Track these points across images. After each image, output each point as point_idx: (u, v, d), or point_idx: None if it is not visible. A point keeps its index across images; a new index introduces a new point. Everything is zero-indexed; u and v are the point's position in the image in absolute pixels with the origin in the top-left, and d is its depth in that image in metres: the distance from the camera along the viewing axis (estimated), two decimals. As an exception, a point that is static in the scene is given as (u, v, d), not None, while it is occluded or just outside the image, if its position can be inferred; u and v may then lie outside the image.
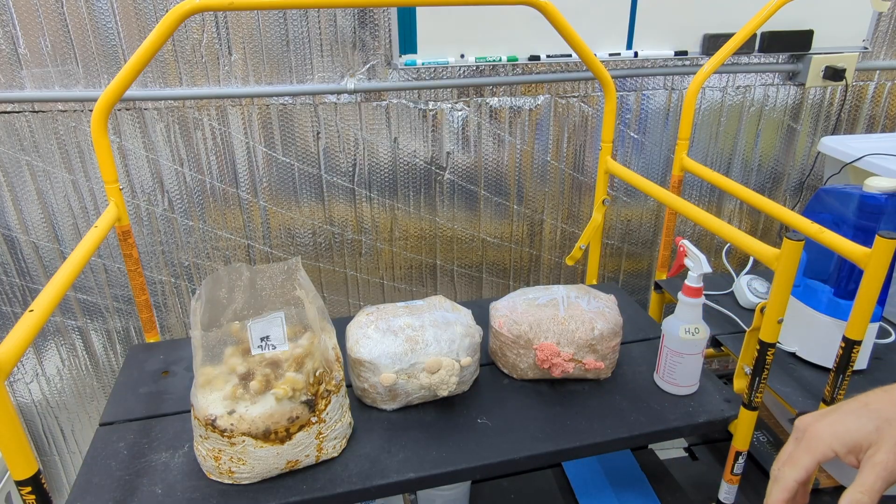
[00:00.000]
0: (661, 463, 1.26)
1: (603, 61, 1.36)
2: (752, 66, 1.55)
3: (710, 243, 1.76)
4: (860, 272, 0.77)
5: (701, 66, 1.33)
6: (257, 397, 0.75)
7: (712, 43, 1.46)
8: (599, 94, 1.50)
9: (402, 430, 0.87)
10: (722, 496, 0.95)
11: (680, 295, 0.90)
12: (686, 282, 0.89)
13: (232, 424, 0.73)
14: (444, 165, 1.49)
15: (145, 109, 1.32)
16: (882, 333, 1.11)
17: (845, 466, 0.55)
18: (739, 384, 0.93)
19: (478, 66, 1.40)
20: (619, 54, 1.44)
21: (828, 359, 1.03)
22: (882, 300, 0.98)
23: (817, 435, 0.53)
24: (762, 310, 0.80)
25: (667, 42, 1.46)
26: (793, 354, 1.08)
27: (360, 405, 0.92)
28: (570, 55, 1.41)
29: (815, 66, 1.54)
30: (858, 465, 0.50)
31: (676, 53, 1.47)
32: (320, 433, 0.78)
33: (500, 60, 1.38)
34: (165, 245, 1.45)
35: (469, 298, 1.67)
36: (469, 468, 0.82)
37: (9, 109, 1.27)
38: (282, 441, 0.75)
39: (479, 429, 0.88)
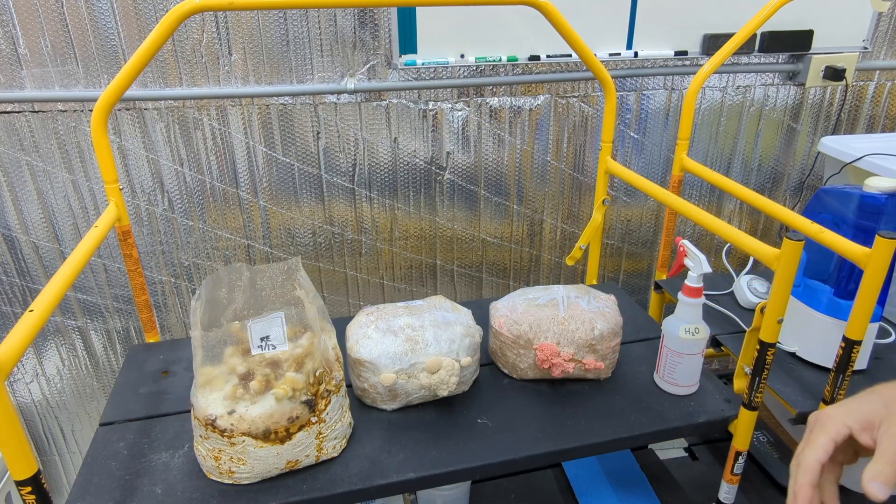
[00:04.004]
0: (661, 463, 1.26)
1: (603, 61, 1.36)
2: (752, 66, 1.55)
3: (710, 243, 1.76)
4: (860, 272, 0.77)
5: (701, 66, 1.33)
6: (257, 397, 0.75)
7: (712, 43, 1.46)
8: (599, 94, 1.50)
9: (402, 430, 0.87)
10: (722, 496, 0.95)
11: (680, 295, 0.90)
12: (686, 282, 0.89)
13: (232, 424, 0.73)
14: (444, 165, 1.49)
15: (145, 109, 1.32)
16: (882, 333, 1.11)
17: (849, 468, 0.55)
18: (739, 384, 0.93)
19: (478, 66, 1.40)
20: (619, 54, 1.44)
21: (828, 359, 1.03)
22: (882, 300, 0.98)
23: (829, 416, 0.54)
24: (762, 310, 0.80)
25: (667, 42, 1.46)
26: (793, 354, 1.08)
27: (360, 405, 0.92)
28: (570, 55, 1.41)
29: (815, 66, 1.54)
30: (873, 445, 0.51)
31: (676, 53, 1.47)
32: (320, 433, 0.78)
33: (500, 60, 1.38)
34: (165, 245, 1.45)
35: (469, 298, 1.67)
36: (469, 468, 0.82)
37: (9, 109, 1.27)
38: (282, 441, 0.75)
39: (479, 429, 0.88)
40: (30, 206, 1.36)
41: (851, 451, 0.55)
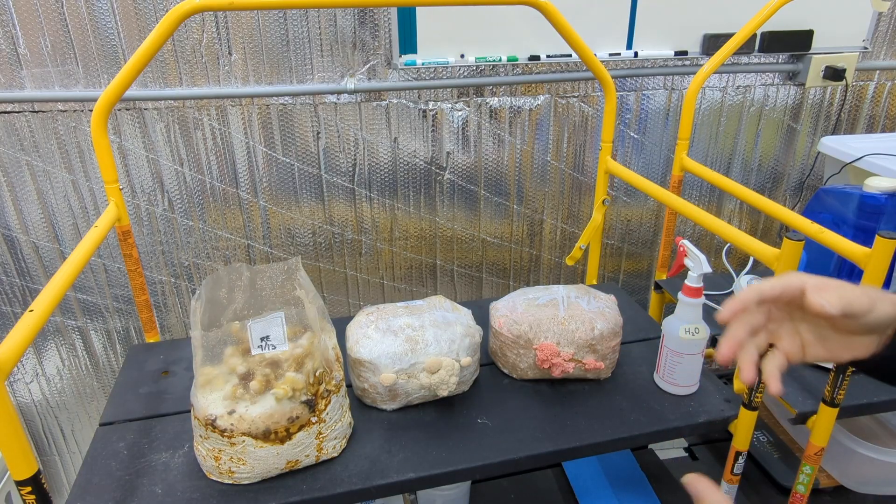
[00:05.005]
0: (661, 463, 1.26)
1: (603, 61, 1.36)
2: (752, 66, 1.55)
3: (710, 243, 1.76)
4: (860, 272, 0.77)
5: (701, 66, 1.33)
6: (257, 397, 0.75)
7: (712, 43, 1.46)
8: (599, 94, 1.50)
9: (402, 430, 0.87)
10: (722, 496, 0.94)
11: (680, 295, 0.90)
12: (686, 282, 0.89)
13: (232, 424, 0.73)
14: (444, 165, 1.49)
15: (145, 109, 1.32)
16: (882, 333, 1.11)
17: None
18: (739, 384, 0.93)
19: (478, 66, 1.40)
20: (619, 54, 1.44)
21: (828, 359, 1.02)
22: (882, 300, 0.98)
23: (790, 273, 0.54)
24: (762, 310, 0.80)
25: (667, 42, 1.46)
26: (793, 354, 1.07)
27: (360, 405, 0.92)
28: (570, 55, 1.41)
29: (815, 66, 1.54)
30: (818, 308, 0.50)
31: (676, 53, 1.47)
32: (320, 433, 0.78)
33: (500, 60, 1.38)
34: (165, 245, 1.45)
35: (469, 298, 1.67)
36: (469, 468, 0.82)
37: (9, 109, 1.27)
38: (282, 441, 0.75)
39: (479, 429, 0.88)
40: (30, 206, 1.36)
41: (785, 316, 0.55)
